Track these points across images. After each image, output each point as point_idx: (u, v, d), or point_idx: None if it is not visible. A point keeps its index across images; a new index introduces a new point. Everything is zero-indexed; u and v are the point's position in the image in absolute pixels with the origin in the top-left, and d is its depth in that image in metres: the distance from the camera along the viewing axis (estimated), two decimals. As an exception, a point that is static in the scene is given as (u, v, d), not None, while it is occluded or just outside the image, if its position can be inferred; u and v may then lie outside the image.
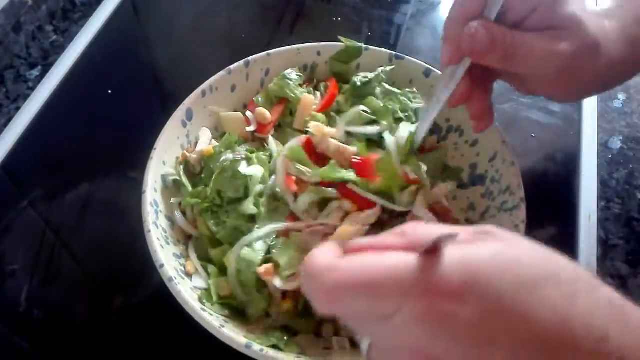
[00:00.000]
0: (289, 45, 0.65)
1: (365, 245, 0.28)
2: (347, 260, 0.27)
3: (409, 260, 0.25)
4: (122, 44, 0.88)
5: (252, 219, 0.53)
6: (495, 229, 0.27)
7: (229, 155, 0.55)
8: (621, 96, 0.82)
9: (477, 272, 0.24)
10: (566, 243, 0.63)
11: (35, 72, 0.82)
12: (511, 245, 0.26)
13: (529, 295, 0.23)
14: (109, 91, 0.79)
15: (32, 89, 0.79)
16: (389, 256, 0.26)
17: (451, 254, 0.25)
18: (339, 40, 0.64)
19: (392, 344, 0.26)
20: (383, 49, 0.64)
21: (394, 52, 0.64)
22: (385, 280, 0.25)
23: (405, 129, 0.55)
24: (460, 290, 0.24)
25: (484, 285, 0.23)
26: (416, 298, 0.24)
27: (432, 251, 0.25)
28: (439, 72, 0.62)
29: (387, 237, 0.29)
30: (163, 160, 0.56)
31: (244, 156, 0.55)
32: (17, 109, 0.77)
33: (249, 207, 0.52)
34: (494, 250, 0.25)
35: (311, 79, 0.65)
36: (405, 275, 0.25)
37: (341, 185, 0.52)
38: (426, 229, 0.28)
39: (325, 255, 0.28)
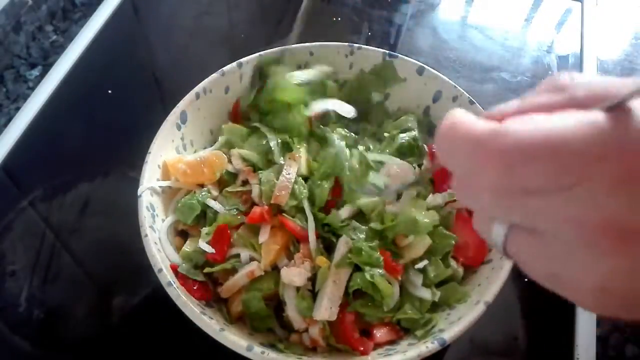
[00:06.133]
0: (288, 45, 0.65)
1: (517, 109, 0.24)
2: (514, 124, 0.22)
3: (592, 118, 0.21)
4: (122, 44, 0.88)
5: None
6: None
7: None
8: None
9: None
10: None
11: (35, 72, 0.82)
12: None
13: None
14: (109, 91, 0.79)
15: (32, 89, 0.79)
16: (565, 116, 0.21)
17: None
18: (336, 40, 0.64)
19: (564, 221, 0.21)
20: (377, 48, 0.64)
21: (387, 51, 0.64)
22: (572, 142, 0.20)
23: None
24: None
25: None
26: (611, 161, 0.20)
27: (616, 107, 0.20)
28: (432, 70, 0.62)
29: (539, 96, 0.24)
30: (158, 164, 0.56)
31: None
32: (17, 109, 0.77)
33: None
34: None
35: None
36: (594, 135, 0.20)
37: None
38: (589, 81, 0.23)
39: (476, 120, 0.23)
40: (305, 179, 0.55)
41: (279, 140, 0.57)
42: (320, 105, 0.57)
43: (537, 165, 0.21)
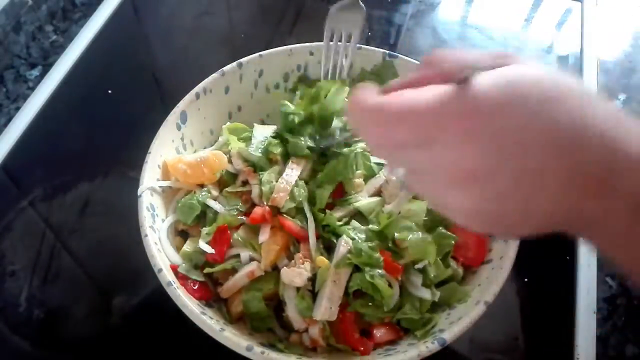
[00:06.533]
0: (289, 45, 0.65)
1: (400, 84, 0.32)
2: (391, 98, 0.30)
3: (443, 91, 0.28)
4: (122, 44, 0.88)
5: None
6: (513, 54, 0.31)
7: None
8: (621, 96, 0.82)
9: (511, 89, 0.27)
10: (566, 244, 0.63)
11: (35, 72, 0.82)
12: (532, 67, 0.29)
13: (556, 106, 0.27)
14: (109, 91, 0.79)
15: (32, 89, 0.79)
16: (425, 90, 0.29)
17: (484, 79, 0.28)
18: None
19: (432, 166, 0.30)
20: (377, 48, 0.64)
21: (387, 51, 0.64)
22: (426, 109, 0.28)
23: None
24: (498, 106, 0.27)
25: (520, 97, 0.27)
26: (454, 122, 0.28)
27: (464, 80, 0.28)
28: None
29: (418, 71, 0.33)
30: (158, 164, 0.56)
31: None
32: (17, 109, 0.77)
33: None
34: (521, 70, 0.28)
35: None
36: (442, 104, 0.28)
37: None
38: (453, 58, 0.31)
39: (370, 96, 0.31)
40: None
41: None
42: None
43: (403, 126, 0.29)
